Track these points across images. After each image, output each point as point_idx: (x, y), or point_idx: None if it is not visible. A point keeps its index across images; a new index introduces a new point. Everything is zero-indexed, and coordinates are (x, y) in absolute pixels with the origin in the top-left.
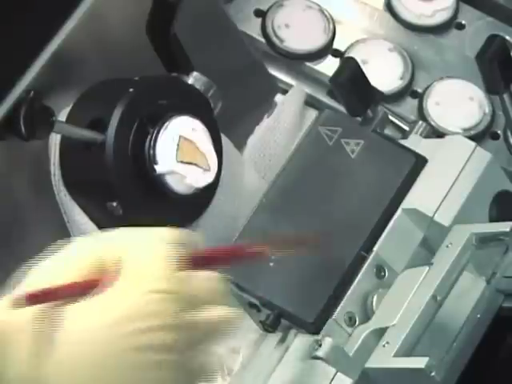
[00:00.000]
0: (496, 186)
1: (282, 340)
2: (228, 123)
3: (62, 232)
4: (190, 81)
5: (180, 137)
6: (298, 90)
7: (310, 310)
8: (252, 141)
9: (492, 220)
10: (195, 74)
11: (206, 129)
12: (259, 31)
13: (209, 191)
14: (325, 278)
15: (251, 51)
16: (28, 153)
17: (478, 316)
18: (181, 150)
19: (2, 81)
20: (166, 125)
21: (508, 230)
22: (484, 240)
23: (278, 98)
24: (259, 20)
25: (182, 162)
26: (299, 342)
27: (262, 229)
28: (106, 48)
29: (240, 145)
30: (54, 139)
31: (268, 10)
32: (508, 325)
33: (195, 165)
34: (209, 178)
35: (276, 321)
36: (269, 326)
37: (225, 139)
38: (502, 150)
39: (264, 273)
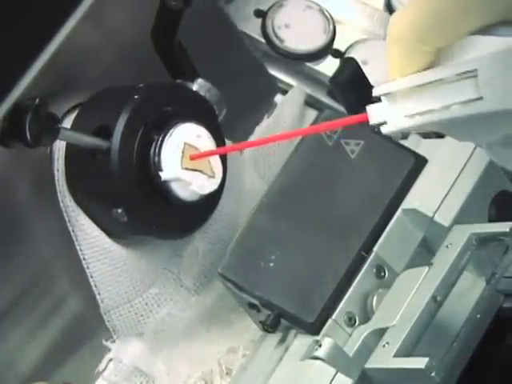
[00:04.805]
0: (496, 186)
1: (282, 340)
2: (228, 123)
3: (63, 238)
4: (195, 87)
5: (185, 144)
6: (298, 90)
7: (309, 311)
8: None
9: (491, 220)
10: (200, 80)
11: (210, 135)
12: (259, 31)
13: (213, 198)
14: (325, 278)
15: (251, 51)
16: (32, 158)
17: (478, 316)
18: (186, 157)
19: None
20: (170, 132)
21: (508, 230)
22: (484, 240)
23: (278, 98)
24: (259, 20)
25: (186, 168)
26: (299, 342)
27: (262, 229)
28: (109, 53)
29: None
30: (58, 145)
31: (268, 10)
32: (508, 325)
33: (200, 171)
34: (213, 184)
35: (276, 321)
36: (269, 327)
37: (226, 140)
38: None
39: (264, 273)
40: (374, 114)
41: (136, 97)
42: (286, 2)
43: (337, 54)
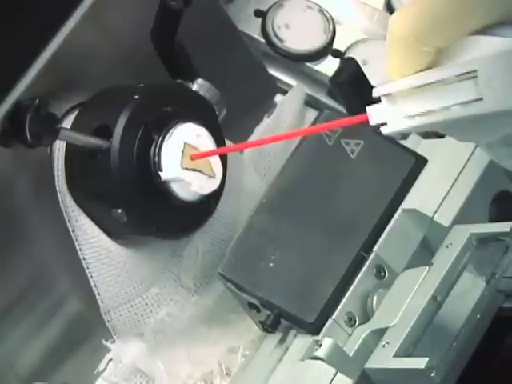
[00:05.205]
0: (496, 186)
1: (282, 340)
2: (228, 123)
3: (63, 238)
4: (195, 87)
5: (185, 144)
6: (298, 90)
7: (309, 310)
8: None
9: (492, 220)
10: (200, 80)
11: (210, 135)
12: (259, 31)
13: (213, 198)
14: (325, 278)
15: (251, 51)
16: (32, 158)
17: (478, 316)
18: (186, 157)
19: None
20: (170, 132)
21: (508, 230)
22: (484, 240)
23: (278, 98)
24: (259, 20)
25: (186, 168)
26: (299, 342)
27: (261, 229)
28: (109, 53)
29: None
30: (58, 145)
31: (268, 11)
32: (508, 325)
33: (200, 171)
34: (214, 184)
35: (276, 321)
36: (269, 327)
37: (226, 140)
38: None
39: (264, 273)
40: (374, 114)
41: (136, 97)
42: (286, 2)
43: (337, 53)
